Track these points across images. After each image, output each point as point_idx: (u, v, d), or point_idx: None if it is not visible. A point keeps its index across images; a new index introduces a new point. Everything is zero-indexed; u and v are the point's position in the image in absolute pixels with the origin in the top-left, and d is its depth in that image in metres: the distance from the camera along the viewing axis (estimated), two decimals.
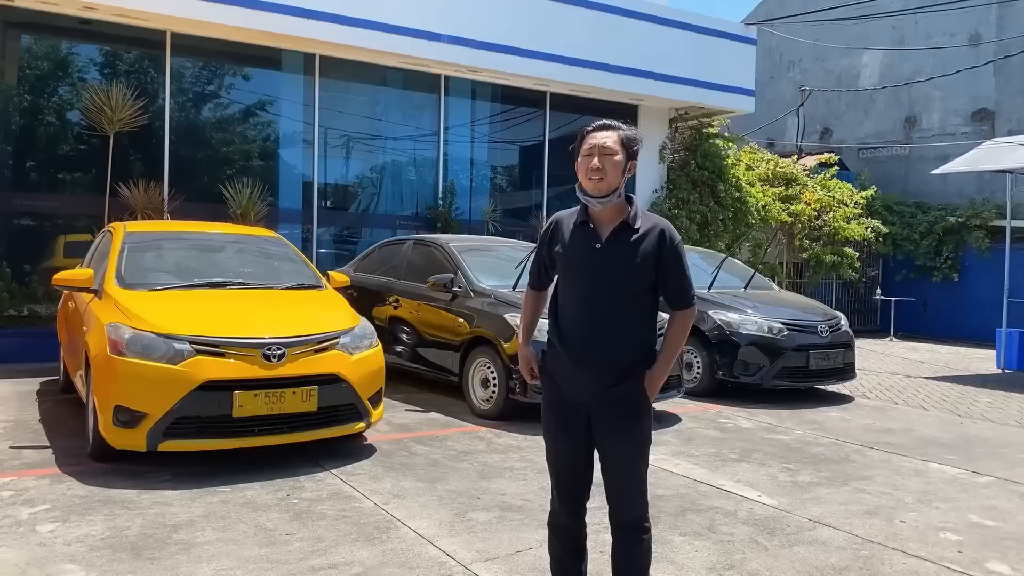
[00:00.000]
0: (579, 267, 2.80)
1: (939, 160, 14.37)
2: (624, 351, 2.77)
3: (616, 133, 2.77)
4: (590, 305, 2.77)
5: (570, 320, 2.82)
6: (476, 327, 6.91)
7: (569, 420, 2.85)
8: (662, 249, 2.75)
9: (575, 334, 2.80)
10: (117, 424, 4.71)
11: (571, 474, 2.90)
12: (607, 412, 2.78)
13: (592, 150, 2.75)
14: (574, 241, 2.82)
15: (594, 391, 2.77)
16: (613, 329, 2.75)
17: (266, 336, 4.98)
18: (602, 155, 2.73)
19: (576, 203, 2.88)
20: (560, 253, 2.85)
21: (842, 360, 8.36)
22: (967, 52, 16.50)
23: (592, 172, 2.73)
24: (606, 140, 2.75)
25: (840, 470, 5.50)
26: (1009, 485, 5.27)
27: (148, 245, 6.27)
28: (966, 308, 15.58)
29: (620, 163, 2.74)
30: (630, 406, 2.79)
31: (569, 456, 2.88)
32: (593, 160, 2.73)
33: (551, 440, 2.93)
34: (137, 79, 9.77)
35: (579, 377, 2.79)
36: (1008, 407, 8.32)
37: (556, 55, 11.46)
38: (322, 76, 10.77)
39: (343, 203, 11.74)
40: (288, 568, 3.53)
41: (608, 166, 2.72)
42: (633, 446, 2.81)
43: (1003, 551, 4.04)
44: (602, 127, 2.79)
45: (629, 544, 2.88)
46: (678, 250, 2.77)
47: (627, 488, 2.84)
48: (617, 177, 2.74)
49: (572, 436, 2.85)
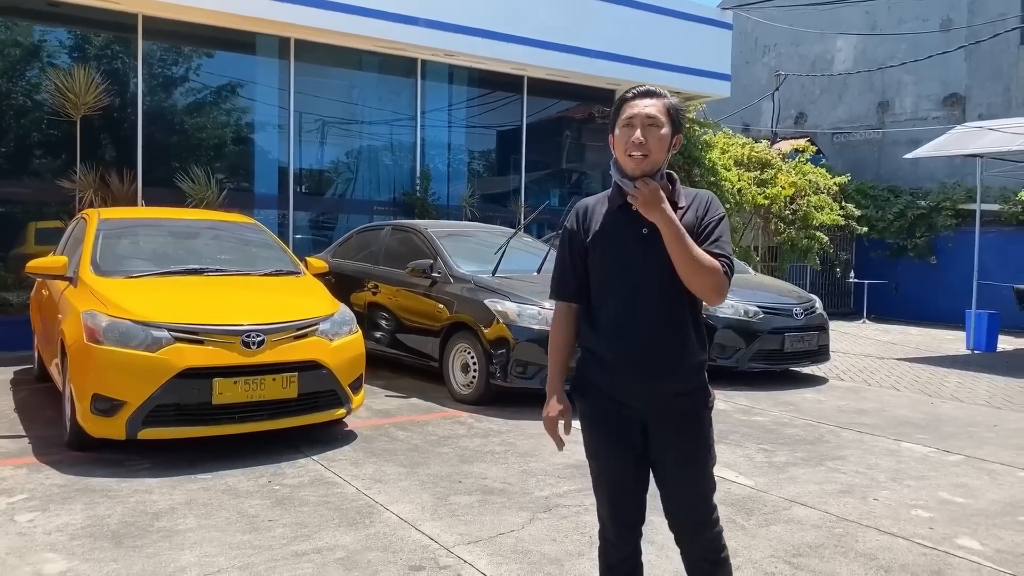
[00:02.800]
0: (624, 257, 2.34)
1: (911, 144, 14.56)
2: (684, 351, 2.35)
3: (661, 101, 2.31)
4: (641, 301, 2.32)
5: (618, 320, 2.35)
6: (456, 313, 6.93)
7: (624, 438, 2.40)
8: (707, 212, 2.34)
9: (626, 336, 2.34)
10: (95, 412, 4.68)
11: (627, 498, 2.44)
12: (671, 424, 2.37)
13: (633, 120, 2.28)
14: (613, 228, 2.36)
15: (656, 400, 2.35)
16: (670, 326, 2.34)
17: (245, 323, 4.96)
18: (646, 126, 2.27)
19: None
20: (598, 244, 2.38)
21: (817, 342, 8.49)
22: (939, 37, 16.69)
23: (633, 147, 2.27)
24: (650, 108, 2.28)
25: (815, 450, 5.60)
26: (978, 463, 5.41)
27: (123, 232, 6.20)
28: (937, 291, 15.84)
29: (666, 137, 2.30)
30: (697, 416, 2.39)
31: (624, 475, 2.43)
32: (635, 132, 2.27)
33: (601, 462, 2.46)
34: (108, 63, 9.61)
35: (636, 386, 2.35)
36: (977, 387, 8.50)
37: (533, 39, 11.43)
38: (297, 60, 10.66)
39: (319, 188, 11.67)
40: (272, 553, 3.54)
41: (652, 140, 2.27)
42: (700, 464, 2.40)
43: (972, 527, 4.15)
44: (646, 93, 2.32)
45: (711, 569, 2.44)
46: (720, 212, 2.36)
47: (699, 514, 2.41)
48: (662, 153, 2.30)
49: (626, 456, 2.41)
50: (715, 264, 2.25)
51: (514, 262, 7.41)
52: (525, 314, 6.55)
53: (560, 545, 3.73)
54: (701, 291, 2.28)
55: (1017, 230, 14.91)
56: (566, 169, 14.18)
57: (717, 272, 2.25)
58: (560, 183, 14.03)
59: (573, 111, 13.94)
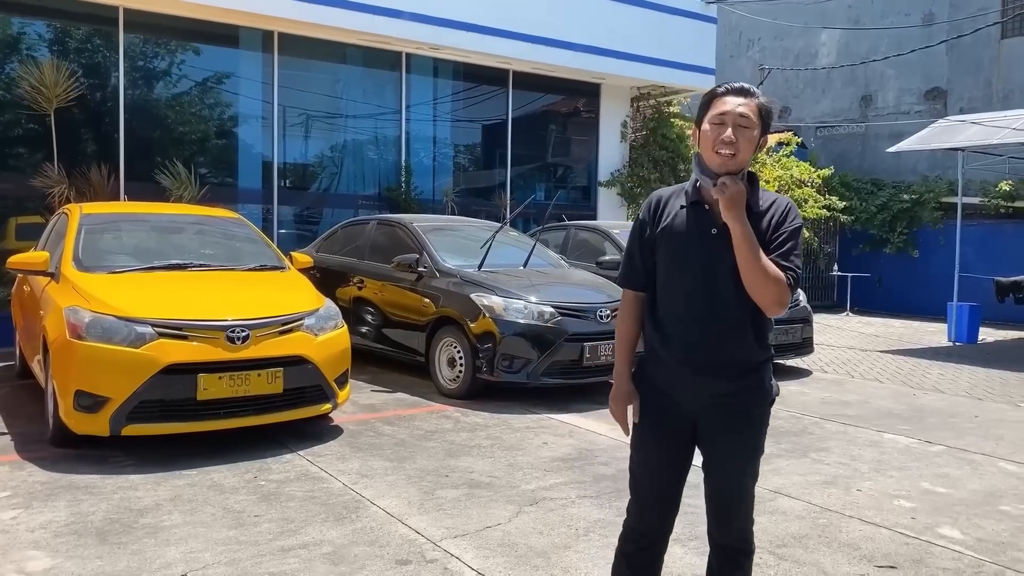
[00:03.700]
0: (690, 255, 2.34)
1: (894, 138, 14.67)
2: (741, 351, 2.35)
3: (754, 101, 2.30)
4: (702, 299, 2.33)
5: (677, 317, 2.38)
6: (442, 307, 6.92)
7: (673, 433, 2.44)
8: (784, 221, 2.32)
9: (683, 333, 2.36)
10: (78, 409, 4.64)
11: (661, 492, 2.49)
12: (722, 422, 2.38)
13: (724, 118, 2.27)
14: (683, 224, 2.36)
15: (710, 399, 2.37)
16: (729, 326, 2.33)
17: (230, 318, 4.93)
18: (737, 126, 2.26)
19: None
20: (665, 238, 2.39)
21: (800, 335, 8.54)
22: (921, 32, 16.80)
23: (723, 144, 2.25)
24: (743, 108, 2.27)
25: (799, 442, 5.64)
26: (959, 453, 5.47)
27: (106, 227, 6.14)
28: (919, 283, 15.99)
29: (755, 138, 2.29)
30: (750, 415, 2.40)
31: (666, 471, 2.47)
32: (726, 131, 2.26)
33: (644, 455, 2.50)
34: (90, 57, 9.51)
35: (690, 383, 2.37)
36: (958, 379, 8.59)
37: (519, 33, 11.41)
38: (281, 54, 10.59)
39: (304, 183, 11.61)
40: (258, 549, 3.54)
41: (743, 140, 2.26)
42: (746, 459, 2.42)
43: (954, 516, 4.20)
44: (739, 91, 2.31)
45: (730, 568, 2.50)
46: (797, 223, 2.33)
47: (735, 506, 2.46)
48: (749, 154, 2.29)
49: (673, 450, 2.46)
50: (779, 275, 2.25)
51: (500, 256, 7.42)
52: (511, 308, 6.56)
53: (547, 538, 3.75)
54: (761, 299, 2.27)
55: (998, 223, 15.06)
56: (552, 163, 14.18)
57: (780, 283, 2.24)
58: (546, 177, 14.03)
59: (559, 105, 13.94)
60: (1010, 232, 14.88)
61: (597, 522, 3.97)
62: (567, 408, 6.45)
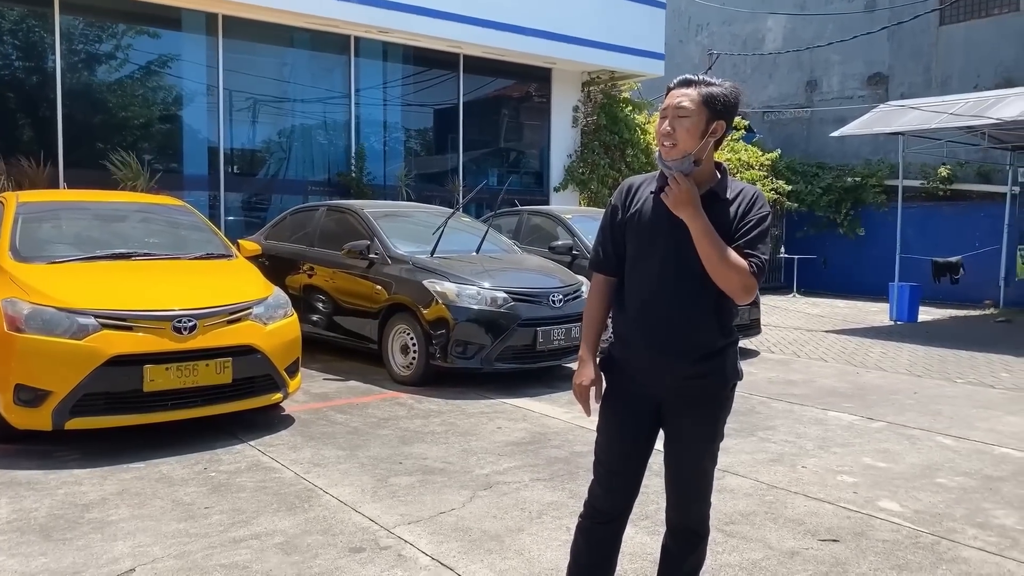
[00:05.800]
0: (657, 241, 2.41)
1: (838, 123, 14.98)
2: (705, 335, 2.40)
3: (695, 90, 2.35)
4: (668, 284, 2.39)
5: (643, 301, 2.44)
6: (395, 294, 6.89)
7: (637, 416, 2.48)
8: (750, 210, 2.38)
9: (649, 317, 2.42)
10: (19, 404, 4.52)
11: (624, 474, 2.53)
12: (686, 404, 2.44)
13: (666, 111, 2.38)
14: (650, 210, 2.43)
15: (674, 382, 2.42)
16: (692, 312, 2.39)
17: (176, 308, 4.84)
18: (675, 117, 2.35)
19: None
20: (635, 223, 2.46)
21: (748, 317, 8.69)
22: (863, 18, 17.14)
23: (662, 136, 2.37)
24: (680, 99, 2.35)
25: (747, 421, 5.77)
26: (899, 429, 5.66)
27: (44, 215, 5.96)
28: (863, 264, 16.41)
29: (696, 125, 2.33)
30: (713, 398, 2.45)
31: (629, 452, 2.51)
32: (664, 124, 2.37)
33: (607, 437, 2.54)
34: (24, 38, 9.17)
35: (655, 366, 2.42)
36: (899, 357, 8.86)
37: (469, 17, 11.34)
38: (225, 37, 10.36)
39: (251, 169, 11.41)
40: (208, 541, 3.50)
41: (680, 130, 2.34)
42: (706, 443, 2.48)
43: (893, 490, 4.35)
44: (682, 83, 2.39)
45: (684, 550, 2.56)
46: (763, 212, 2.39)
47: (694, 489, 2.51)
48: (692, 141, 2.33)
49: (637, 433, 2.49)
50: (742, 263, 2.30)
51: (453, 242, 7.40)
52: (464, 294, 6.56)
53: (501, 522, 3.78)
54: (727, 288, 2.33)
55: (936, 205, 15.53)
56: (504, 148, 14.16)
57: (744, 272, 2.30)
58: (498, 162, 14.01)
59: (510, 89, 13.91)
60: (948, 214, 15.36)
61: (550, 504, 4.02)
62: (521, 392, 6.48)
